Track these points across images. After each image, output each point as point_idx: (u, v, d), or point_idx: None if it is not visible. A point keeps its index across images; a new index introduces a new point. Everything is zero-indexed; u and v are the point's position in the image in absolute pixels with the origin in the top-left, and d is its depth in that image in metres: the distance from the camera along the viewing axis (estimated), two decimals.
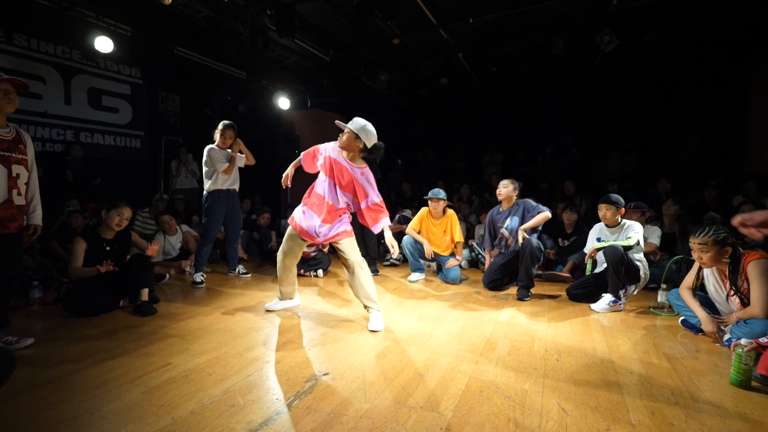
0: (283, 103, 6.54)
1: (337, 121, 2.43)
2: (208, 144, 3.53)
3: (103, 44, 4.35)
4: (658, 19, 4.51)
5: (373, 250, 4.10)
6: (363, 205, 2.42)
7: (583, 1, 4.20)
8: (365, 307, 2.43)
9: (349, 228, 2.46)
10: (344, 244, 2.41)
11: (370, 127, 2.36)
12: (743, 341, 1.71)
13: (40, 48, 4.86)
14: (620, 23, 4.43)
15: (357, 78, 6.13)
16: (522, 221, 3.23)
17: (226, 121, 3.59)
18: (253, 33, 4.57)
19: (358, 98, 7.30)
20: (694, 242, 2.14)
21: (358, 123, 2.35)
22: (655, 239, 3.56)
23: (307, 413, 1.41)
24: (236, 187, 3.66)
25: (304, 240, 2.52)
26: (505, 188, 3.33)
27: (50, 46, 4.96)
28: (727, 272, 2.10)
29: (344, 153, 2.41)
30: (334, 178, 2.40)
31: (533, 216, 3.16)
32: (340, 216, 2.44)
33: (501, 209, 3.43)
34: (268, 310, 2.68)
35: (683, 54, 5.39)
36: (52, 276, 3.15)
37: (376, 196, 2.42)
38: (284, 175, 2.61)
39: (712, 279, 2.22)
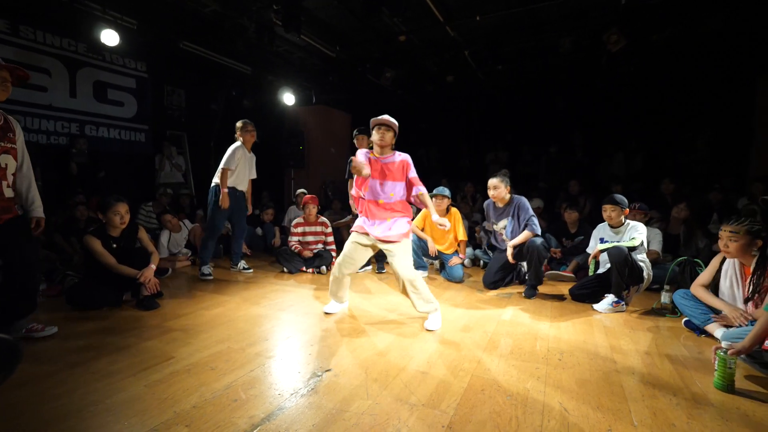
0: (288, 98, 6.53)
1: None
2: (228, 141, 3.66)
3: (109, 37, 4.35)
4: (667, 19, 4.45)
5: None
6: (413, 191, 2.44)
7: None
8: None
9: (405, 230, 2.36)
10: (394, 249, 2.32)
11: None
12: (724, 344, 1.69)
13: (46, 40, 4.87)
14: (628, 23, 4.38)
15: (363, 75, 6.11)
16: (516, 221, 3.23)
17: (243, 120, 3.72)
18: (259, 28, 4.56)
19: (364, 95, 7.28)
20: (725, 229, 2.06)
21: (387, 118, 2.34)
22: (657, 245, 3.49)
23: (309, 409, 1.41)
24: (244, 188, 3.73)
25: (365, 241, 2.41)
26: (496, 189, 3.25)
27: (56, 39, 4.96)
28: (750, 269, 2.02)
29: (378, 150, 2.40)
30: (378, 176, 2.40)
31: (524, 224, 3.17)
32: (395, 214, 2.38)
33: (496, 205, 3.40)
34: (327, 313, 2.57)
35: (691, 55, 5.34)
36: (55, 268, 3.17)
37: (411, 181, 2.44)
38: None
39: (731, 273, 2.12)
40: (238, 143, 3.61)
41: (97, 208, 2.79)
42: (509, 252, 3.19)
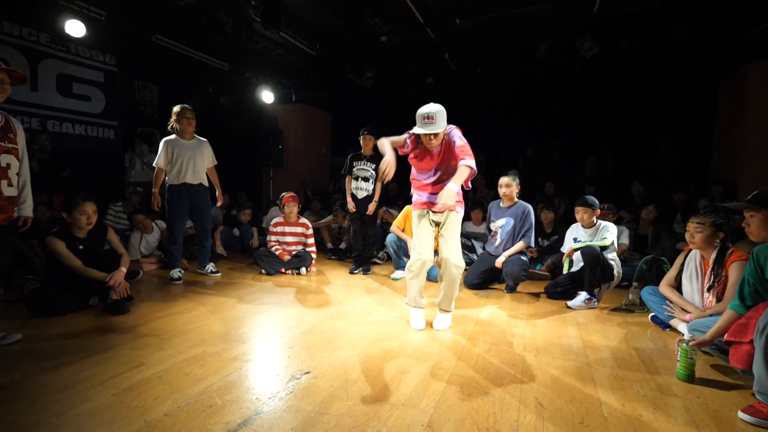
0: (267, 96, 6.41)
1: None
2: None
3: (75, 28, 4.13)
4: (636, 27, 4.68)
5: (370, 248, 4.07)
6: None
7: (566, 6, 4.30)
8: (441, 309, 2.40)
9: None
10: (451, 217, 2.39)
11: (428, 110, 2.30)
12: (686, 336, 1.79)
13: (3, 29, 4.58)
14: (600, 30, 4.57)
15: (343, 74, 6.07)
16: (517, 223, 3.33)
17: (181, 105, 3.39)
18: (237, 23, 4.45)
19: (345, 95, 7.23)
20: (692, 221, 2.21)
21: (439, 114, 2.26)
22: (625, 238, 3.71)
23: (288, 412, 1.39)
24: (198, 181, 3.44)
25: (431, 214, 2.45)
26: (509, 188, 3.33)
27: (15, 28, 4.67)
28: (709, 262, 2.17)
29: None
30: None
31: (521, 232, 3.30)
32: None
33: (501, 205, 3.48)
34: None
35: (658, 63, 5.62)
36: (14, 272, 2.98)
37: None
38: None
39: (691, 267, 2.28)
40: (170, 137, 3.35)
41: (61, 207, 2.64)
42: (499, 261, 3.29)
